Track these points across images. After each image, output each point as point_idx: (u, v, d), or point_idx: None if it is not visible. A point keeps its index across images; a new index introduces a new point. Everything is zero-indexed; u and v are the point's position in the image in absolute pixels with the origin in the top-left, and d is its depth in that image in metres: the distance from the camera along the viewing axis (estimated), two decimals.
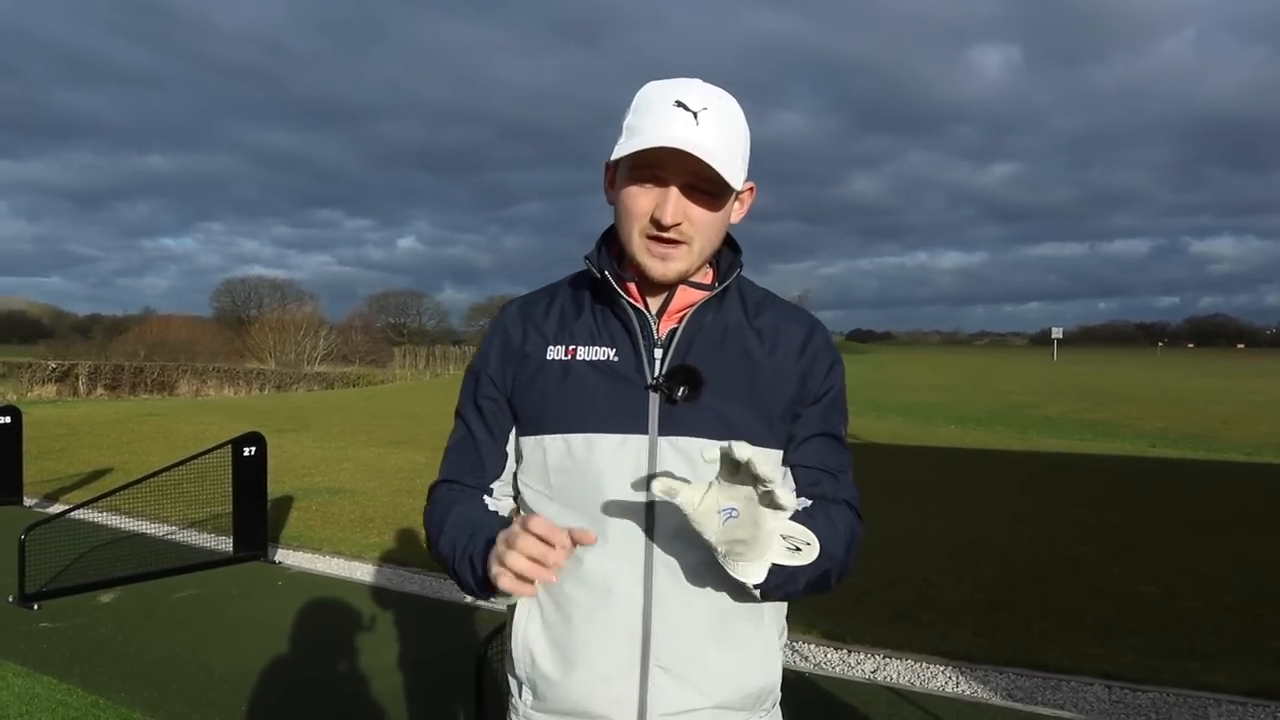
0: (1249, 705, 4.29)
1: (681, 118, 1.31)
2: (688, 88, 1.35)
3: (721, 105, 1.35)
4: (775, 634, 1.45)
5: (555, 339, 1.43)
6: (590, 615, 1.35)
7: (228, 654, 4.90)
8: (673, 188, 1.33)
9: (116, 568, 6.47)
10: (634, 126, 1.35)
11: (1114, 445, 15.68)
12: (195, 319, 61.62)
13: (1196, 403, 24.96)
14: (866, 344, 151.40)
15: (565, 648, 1.36)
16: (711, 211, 1.36)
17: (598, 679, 1.35)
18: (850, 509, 1.40)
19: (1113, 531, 8.03)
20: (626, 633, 1.35)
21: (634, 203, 1.35)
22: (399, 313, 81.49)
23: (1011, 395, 28.64)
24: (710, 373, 1.37)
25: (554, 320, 1.46)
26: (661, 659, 1.34)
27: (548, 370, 1.41)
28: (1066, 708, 4.31)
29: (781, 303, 1.51)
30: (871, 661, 4.93)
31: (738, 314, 1.45)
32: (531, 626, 1.41)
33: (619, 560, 1.35)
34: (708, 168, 1.30)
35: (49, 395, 29.38)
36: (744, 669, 1.39)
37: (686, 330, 1.40)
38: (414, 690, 4.44)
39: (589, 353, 1.41)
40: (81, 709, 4.15)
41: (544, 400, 1.40)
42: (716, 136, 1.32)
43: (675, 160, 1.30)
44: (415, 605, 5.88)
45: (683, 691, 1.35)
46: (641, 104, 1.37)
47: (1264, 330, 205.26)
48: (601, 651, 1.35)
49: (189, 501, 7.69)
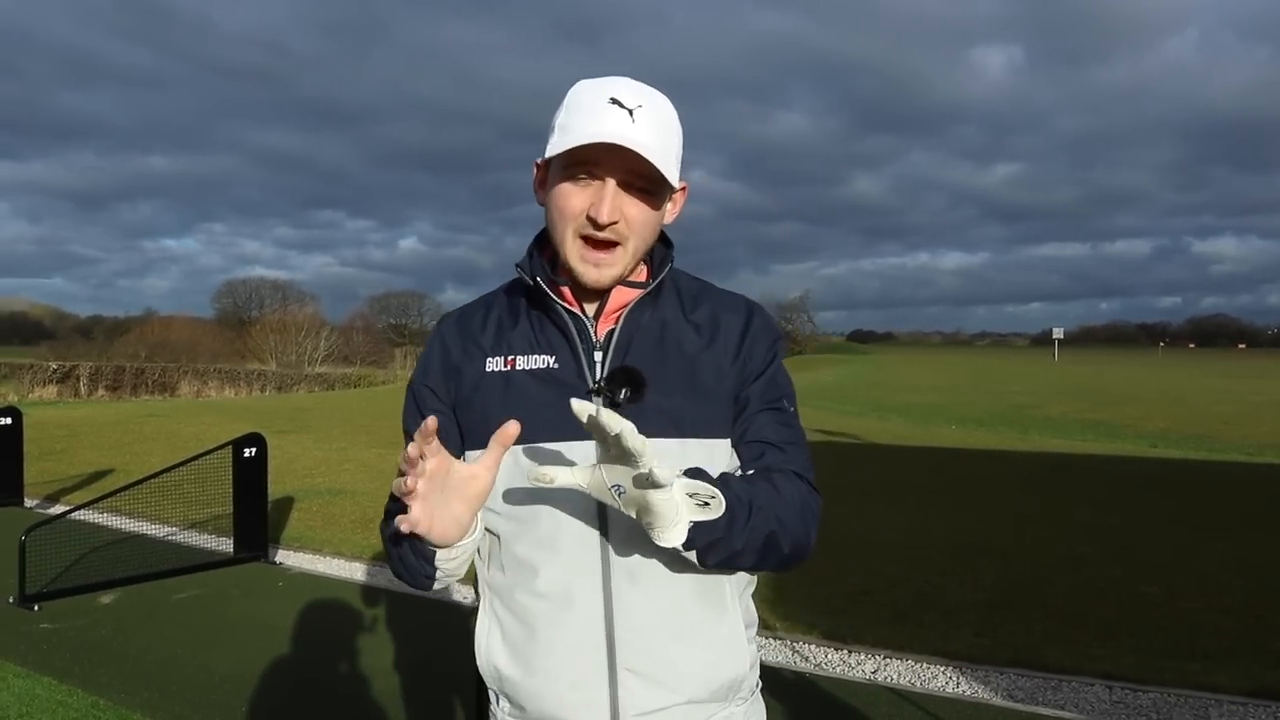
0: (1250, 706, 4.28)
1: (617, 114, 1.29)
2: (621, 85, 1.33)
3: (656, 103, 1.34)
4: (741, 624, 1.43)
5: (493, 350, 1.42)
6: (552, 625, 1.34)
7: (228, 655, 4.90)
8: (609, 183, 1.31)
9: (117, 569, 6.47)
10: (566, 125, 1.32)
11: (1115, 446, 15.67)
12: (196, 320, 61.77)
13: (1198, 403, 24.95)
14: (867, 344, 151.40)
15: (530, 659, 1.36)
16: (648, 210, 1.35)
17: (567, 687, 1.34)
18: (799, 478, 1.36)
19: (1114, 532, 8.02)
20: (591, 639, 1.34)
21: (567, 201, 1.33)
22: (400, 313, 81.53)
23: (1013, 396, 28.65)
24: (651, 372, 1.35)
25: (491, 331, 1.44)
26: (628, 661, 1.34)
27: (487, 382, 1.40)
28: (1067, 708, 4.31)
29: (718, 292, 1.49)
30: (872, 662, 4.93)
31: (674, 309, 1.43)
32: (493, 641, 1.40)
33: (576, 568, 1.34)
34: (644, 164, 1.28)
35: (50, 396, 29.41)
36: (711, 663, 1.38)
37: (624, 331, 1.38)
38: (414, 691, 4.44)
39: (528, 361, 1.39)
40: (82, 710, 4.15)
41: (486, 413, 1.37)
42: (652, 133, 1.31)
43: (611, 157, 1.28)
44: (415, 606, 5.87)
45: (652, 691, 1.34)
46: (574, 101, 1.34)
47: (1265, 330, 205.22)
48: (568, 660, 1.34)
49: (189, 502, 7.69)
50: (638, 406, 1.33)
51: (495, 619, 1.40)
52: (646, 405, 1.34)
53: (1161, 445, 15.69)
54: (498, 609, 1.40)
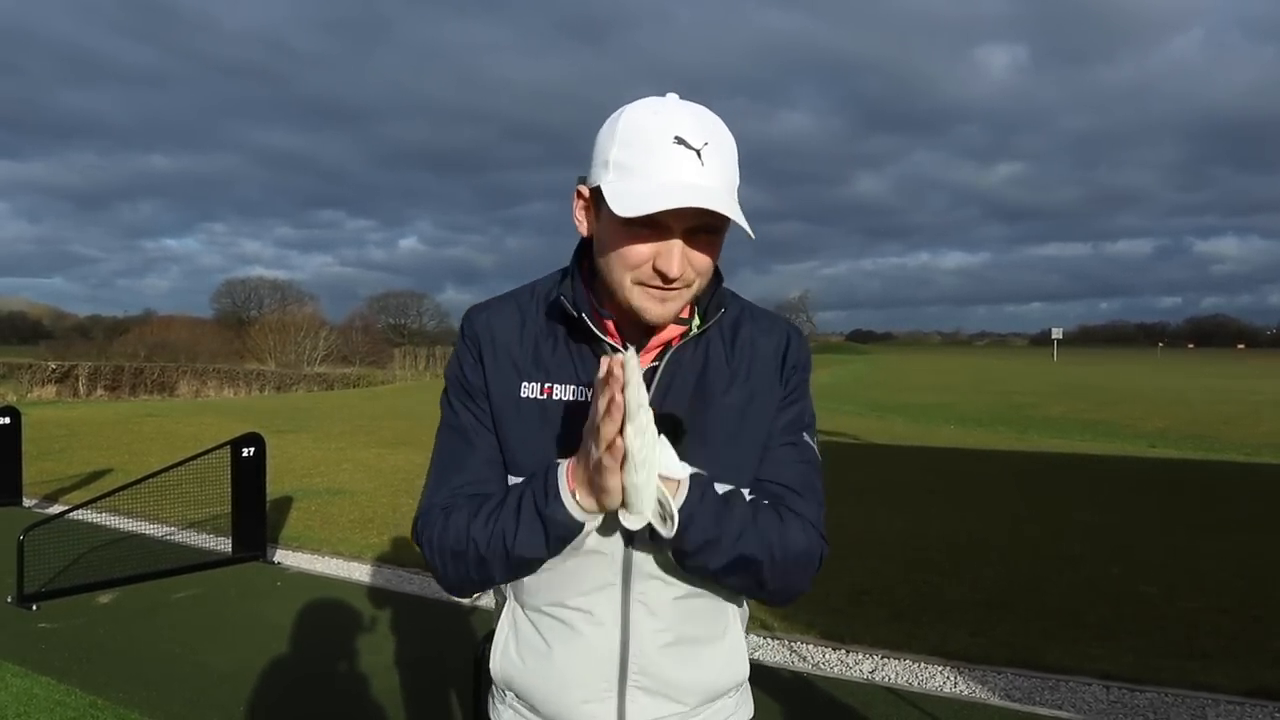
0: (1247, 705, 4.29)
1: (685, 158, 1.22)
2: (683, 118, 1.24)
3: (719, 135, 1.26)
4: (740, 637, 1.47)
5: (530, 374, 1.37)
6: (569, 643, 1.37)
7: (226, 654, 4.90)
8: (676, 241, 1.24)
9: (115, 568, 6.47)
10: (629, 166, 1.24)
11: (1114, 445, 15.67)
12: (195, 320, 61.67)
13: (1196, 403, 24.97)
14: (867, 344, 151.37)
15: (545, 671, 1.38)
16: (713, 252, 1.30)
17: (579, 701, 1.37)
18: (811, 527, 1.37)
19: (1112, 531, 8.03)
20: (605, 660, 1.36)
21: (634, 254, 1.26)
22: (399, 313, 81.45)
23: (1012, 396, 28.66)
24: (689, 417, 1.34)
25: (528, 349, 1.38)
26: (639, 681, 1.37)
27: (522, 408, 1.36)
28: (1065, 708, 4.31)
29: (756, 313, 1.46)
30: (870, 662, 4.93)
31: (717, 347, 1.40)
32: (510, 649, 1.43)
33: (596, 599, 1.36)
34: (713, 215, 1.22)
35: (49, 396, 29.39)
36: (717, 675, 1.43)
37: (666, 370, 1.36)
38: (412, 690, 4.44)
39: (564, 392, 1.35)
40: (80, 709, 4.15)
41: (520, 440, 1.35)
42: (721, 175, 1.24)
43: (682, 209, 1.20)
44: (414, 605, 5.88)
45: (658, 704, 1.39)
46: (634, 138, 1.24)
47: (1264, 330, 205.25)
48: (580, 677, 1.37)
49: (188, 502, 7.69)
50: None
51: (514, 628, 1.42)
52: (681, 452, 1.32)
53: (1160, 445, 15.70)
54: (518, 619, 1.42)
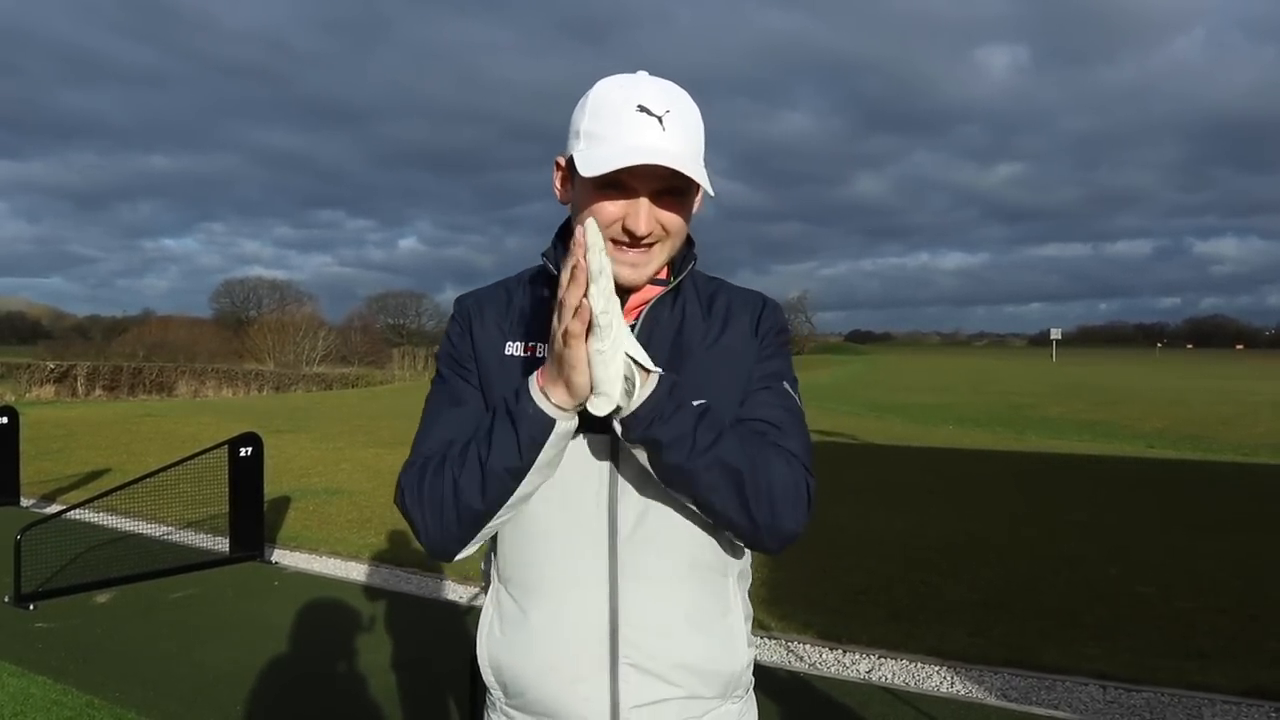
0: (1243, 705, 4.29)
1: (648, 124, 1.29)
2: (646, 88, 1.33)
3: (682, 105, 1.34)
4: (741, 618, 1.45)
5: (513, 335, 1.43)
6: (556, 618, 1.35)
7: (223, 654, 4.90)
8: (643, 198, 1.31)
9: (113, 568, 6.47)
10: (594, 133, 1.32)
11: (1112, 446, 15.68)
12: (194, 320, 61.67)
13: (1194, 403, 24.97)
14: (865, 345, 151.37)
15: (531, 651, 1.36)
16: (681, 213, 1.36)
17: (569, 681, 1.34)
18: (794, 457, 1.35)
19: (1110, 532, 8.03)
20: (594, 633, 1.34)
21: (602, 214, 1.32)
22: (398, 313, 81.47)
23: (1010, 396, 28.66)
24: (669, 367, 1.35)
25: (513, 317, 1.45)
26: (630, 656, 1.34)
27: (507, 366, 1.40)
28: (1061, 707, 4.31)
29: (732, 288, 1.51)
30: (867, 661, 4.93)
31: (693, 305, 1.45)
32: (494, 630, 1.41)
33: (583, 561, 1.34)
34: (678, 175, 1.29)
35: (47, 396, 29.37)
36: (712, 657, 1.39)
37: (644, 327, 1.39)
38: (409, 690, 4.44)
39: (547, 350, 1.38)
40: (76, 709, 4.15)
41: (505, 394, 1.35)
42: (683, 139, 1.31)
43: (645, 170, 1.28)
44: (411, 605, 5.88)
45: (652, 684, 1.35)
46: (599, 107, 1.33)
47: (1263, 331, 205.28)
48: (569, 654, 1.34)
49: (186, 502, 7.69)
50: None
51: (499, 608, 1.41)
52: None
53: (1158, 445, 15.70)
54: (502, 598, 1.40)
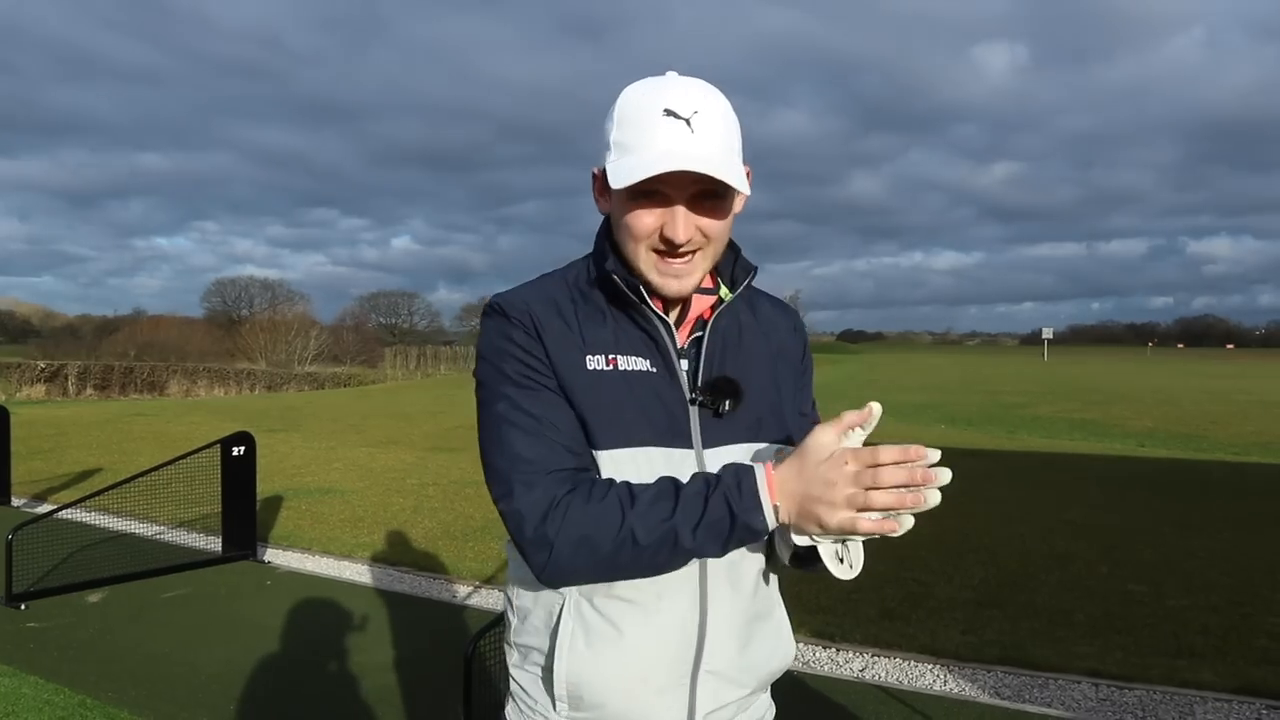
0: (1234, 703, 4.31)
1: (675, 129, 1.26)
2: (672, 90, 1.29)
3: (711, 104, 1.29)
4: (784, 611, 1.49)
5: (591, 347, 1.34)
6: (644, 628, 1.32)
7: (216, 654, 4.89)
8: (679, 207, 1.28)
9: (104, 567, 6.44)
10: (624, 143, 1.29)
11: (1103, 445, 15.73)
12: (186, 319, 61.54)
13: (1186, 403, 25.06)
14: (858, 344, 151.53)
15: (624, 667, 1.32)
16: (720, 218, 1.32)
17: (654, 692, 1.33)
18: None
19: (1101, 530, 8.06)
20: (684, 642, 1.34)
21: (639, 223, 1.30)
22: (390, 313, 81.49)
23: (1002, 395, 28.71)
24: (737, 375, 1.37)
25: (580, 327, 1.37)
26: (711, 665, 1.35)
27: (592, 379, 1.33)
28: (1053, 705, 4.33)
29: (764, 293, 1.54)
30: (860, 660, 4.94)
31: (745, 313, 1.46)
32: (578, 643, 1.34)
33: (675, 577, 1.31)
34: (711, 180, 1.26)
35: (38, 395, 29.30)
36: (773, 656, 1.44)
37: (711, 340, 1.39)
38: (403, 689, 4.43)
39: (628, 362, 1.35)
40: (68, 709, 4.14)
41: (593, 410, 1.32)
42: (714, 140, 1.27)
43: (678, 177, 1.25)
44: (404, 604, 5.87)
45: (725, 689, 1.37)
46: (627, 115, 1.30)
47: (1253, 331, 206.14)
48: (657, 663, 1.33)
49: (178, 501, 7.67)
50: (733, 415, 1.36)
51: (580, 620, 1.34)
52: (737, 414, 1.36)
53: (1149, 444, 15.75)
54: (584, 610, 1.34)
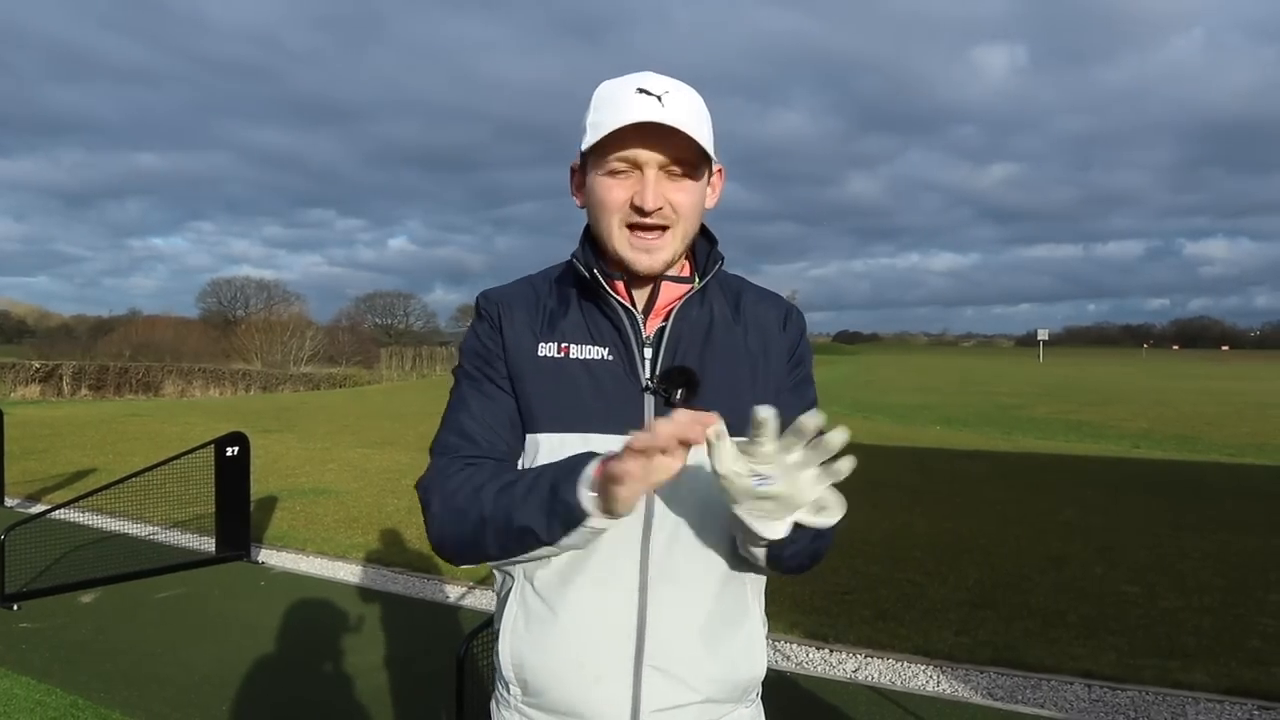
0: (1226, 704, 4.32)
1: (646, 101, 1.30)
2: (646, 76, 1.35)
3: (683, 89, 1.35)
4: (760, 625, 1.45)
5: (545, 335, 1.40)
6: (585, 616, 1.34)
7: (209, 654, 4.88)
8: (649, 172, 1.32)
9: (98, 568, 6.43)
10: (597, 121, 1.33)
11: (1098, 446, 15.76)
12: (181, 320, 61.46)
13: (1180, 404, 25.12)
14: (853, 345, 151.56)
15: (558, 648, 1.35)
16: (690, 193, 1.35)
17: (592, 680, 1.33)
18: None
19: (1095, 532, 8.07)
20: (622, 634, 1.33)
21: (609, 194, 1.33)
22: (386, 314, 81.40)
23: (997, 396, 28.76)
24: (701, 371, 1.36)
25: (543, 316, 1.42)
26: (655, 659, 1.34)
27: (541, 366, 1.38)
28: (1047, 706, 4.34)
29: (755, 287, 1.52)
30: (853, 661, 4.95)
31: (721, 305, 1.45)
32: (519, 626, 1.38)
33: (615, 564, 1.33)
34: (682, 148, 1.30)
35: (32, 395, 29.23)
36: (733, 664, 1.40)
37: (674, 328, 1.39)
38: (396, 689, 4.43)
39: (582, 351, 1.38)
40: (60, 709, 4.13)
41: (538, 397, 1.37)
42: (685, 114, 1.32)
43: (648, 144, 1.30)
44: (398, 605, 5.87)
45: (674, 689, 1.35)
46: (601, 99, 1.36)
47: (1248, 333, 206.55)
48: (596, 653, 1.33)
49: (172, 502, 7.65)
50: (690, 407, 1.33)
51: (524, 605, 1.38)
52: (698, 405, 1.33)
53: (1144, 446, 15.78)
54: (528, 596, 1.38)
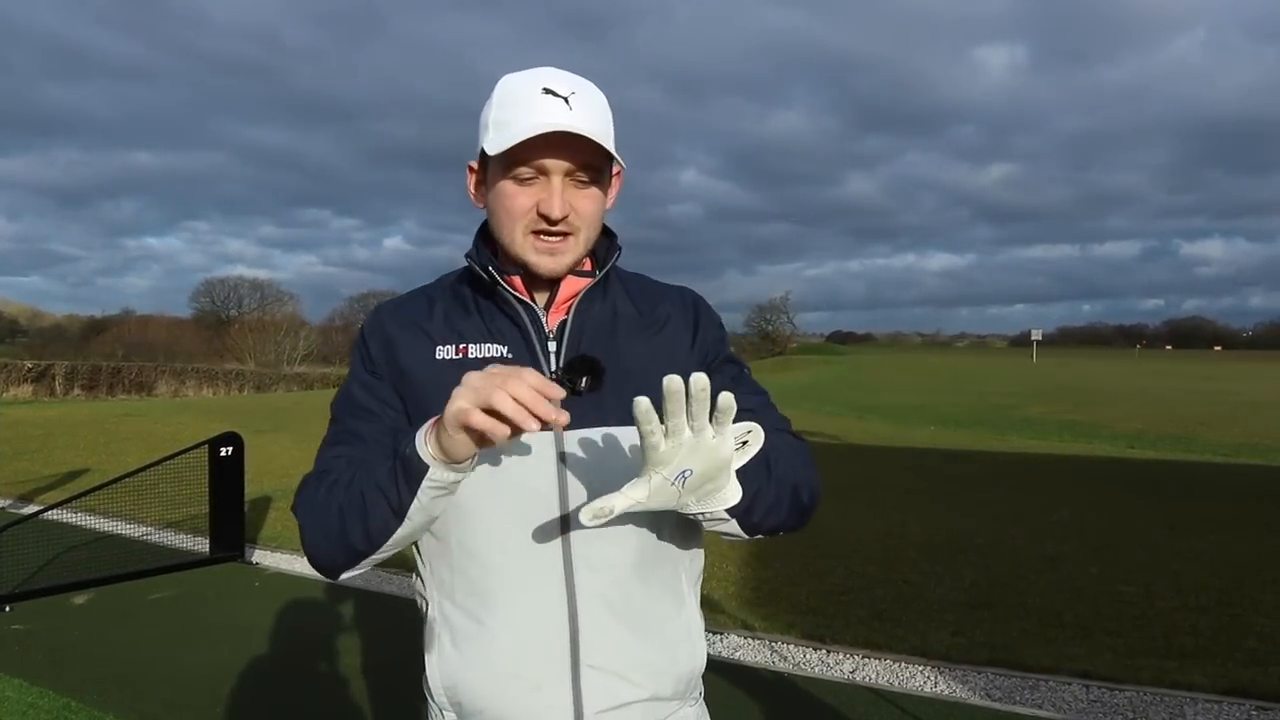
0: (1224, 704, 4.32)
1: (553, 104, 1.28)
2: (551, 75, 1.33)
3: (588, 89, 1.33)
4: (696, 614, 1.43)
5: (443, 339, 1.38)
6: (512, 623, 1.30)
7: (203, 655, 4.85)
8: (555, 179, 1.30)
9: (91, 569, 6.40)
10: (502, 121, 1.30)
11: (1093, 446, 15.78)
12: (174, 319, 61.33)
13: (1174, 404, 25.18)
14: (846, 345, 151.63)
15: (492, 664, 1.31)
16: (594, 200, 1.35)
17: (530, 690, 1.30)
18: (788, 433, 1.39)
19: (1091, 532, 8.08)
20: (555, 636, 1.31)
21: (514, 201, 1.31)
22: None
23: (991, 396, 28.81)
24: (608, 360, 1.34)
25: (439, 321, 1.40)
26: (591, 658, 1.31)
27: (439, 370, 1.34)
28: (1044, 707, 4.33)
29: (659, 283, 1.52)
30: (850, 661, 4.94)
31: (623, 299, 1.44)
32: (445, 646, 1.36)
33: (537, 563, 1.30)
34: (588, 154, 1.29)
35: (25, 395, 29.14)
36: (672, 656, 1.37)
37: (576, 320, 1.37)
38: (391, 690, 4.41)
39: (480, 350, 1.36)
40: (53, 711, 4.10)
41: (438, 401, 1.24)
42: (591, 118, 1.30)
43: (554, 152, 1.28)
44: (392, 606, 5.84)
45: (615, 687, 1.32)
46: (505, 97, 1.32)
47: (1241, 333, 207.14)
48: (532, 661, 1.30)
49: (165, 502, 7.62)
50: (596, 395, 1.32)
51: (446, 623, 1.36)
52: (604, 393, 1.33)
53: (1139, 446, 15.81)
54: (449, 611, 1.35)
